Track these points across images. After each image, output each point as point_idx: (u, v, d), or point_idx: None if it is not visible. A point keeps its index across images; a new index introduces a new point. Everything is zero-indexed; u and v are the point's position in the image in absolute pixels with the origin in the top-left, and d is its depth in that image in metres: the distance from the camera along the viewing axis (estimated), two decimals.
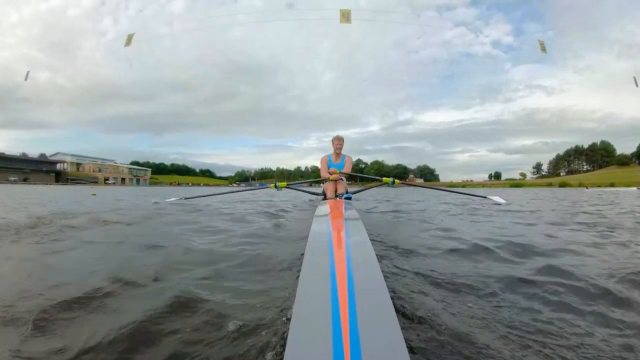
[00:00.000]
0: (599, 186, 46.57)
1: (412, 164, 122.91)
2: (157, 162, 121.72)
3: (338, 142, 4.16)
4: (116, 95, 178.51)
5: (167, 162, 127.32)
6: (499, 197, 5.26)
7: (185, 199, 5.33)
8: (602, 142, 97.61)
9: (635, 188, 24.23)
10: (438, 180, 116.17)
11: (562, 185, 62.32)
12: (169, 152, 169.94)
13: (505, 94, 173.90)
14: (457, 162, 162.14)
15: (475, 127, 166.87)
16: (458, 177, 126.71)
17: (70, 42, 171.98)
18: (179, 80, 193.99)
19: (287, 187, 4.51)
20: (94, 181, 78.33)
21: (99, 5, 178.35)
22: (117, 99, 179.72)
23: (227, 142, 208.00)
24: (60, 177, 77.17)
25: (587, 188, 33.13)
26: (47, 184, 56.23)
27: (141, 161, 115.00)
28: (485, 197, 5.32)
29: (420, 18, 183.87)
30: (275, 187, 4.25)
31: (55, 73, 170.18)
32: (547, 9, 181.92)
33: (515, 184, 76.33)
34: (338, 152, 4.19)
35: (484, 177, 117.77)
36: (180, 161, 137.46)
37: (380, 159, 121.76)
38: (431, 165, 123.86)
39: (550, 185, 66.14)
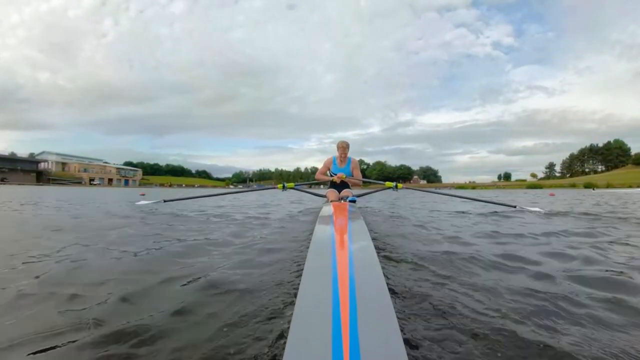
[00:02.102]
0: (630, 187, 41.46)
1: (413, 165, 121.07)
2: (152, 162, 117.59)
3: (343, 150, 3.72)
4: (117, 97, 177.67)
5: (167, 163, 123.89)
6: (537, 207, 4.27)
7: (164, 201, 4.57)
8: (616, 141, 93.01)
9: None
10: (440, 181, 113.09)
11: (588, 185, 56.36)
12: (170, 154, 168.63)
13: (506, 95, 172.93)
14: (458, 164, 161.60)
15: (476, 129, 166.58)
16: (459, 179, 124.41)
17: (70, 43, 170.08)
18: (179, 82, 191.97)
19: (294, 188, 4.33)
20: (77, 182, 73.30)
21: (100, 6, 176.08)
22: (118, 101, 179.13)
23: (227, 144, 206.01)
24: (41, 178, 71.94)
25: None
26: (22, 184, 51.12)
27: (136, 162, 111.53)
28: (515, 207, 4.16)
29: (420, 19, 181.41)
30: (283, 187, 4.14)
31: (55, 74, 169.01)
32: (548, 10, 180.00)
33: (532, 185, 69.82)
34: (343, 158, 3.80)
35: (485, 178, 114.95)
36: (180, 163, 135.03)
37: (382, 160, 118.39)
38: (433, 167, 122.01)
39: (574, 185, 60.35)
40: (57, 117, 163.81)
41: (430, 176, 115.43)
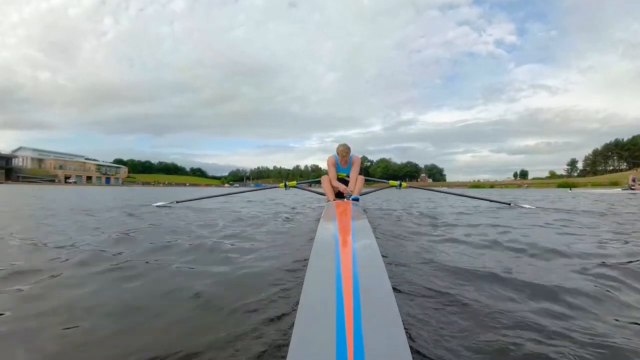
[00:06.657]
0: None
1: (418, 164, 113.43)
2: (143, 160, 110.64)
3: (342, 157, 3.52)
4: (117, 97, 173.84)
5: (159, 161, 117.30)
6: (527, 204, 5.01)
7: (177, 202, 4.89)
8: None
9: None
10: (445, 180, 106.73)
11: None
12: (171, 153, 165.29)
13: (509, 94, 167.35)
14: (459, 163, 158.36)
15: (478, 128, 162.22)
16: (460, 178, 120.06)
17: (70, 42, 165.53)
18: (180, 82, 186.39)
19: (296, 186, 4.39)
20: (51, 180, 66.20)
21: (100, 5, 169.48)
22: (118, 100, 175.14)
23: (228, 144, 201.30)
24: (11, 175, 64.58)
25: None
26: None
27: (126, 159, 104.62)
28: (510, 204, 4.80)
29: (422, 17, 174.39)
30: (285, 186, 4.16)
31: (55, 74, 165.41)
32: (551, 9, 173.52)
33: (564, 184, 61.93)
34: (344, 163, 3.61)
35: (486, 177, 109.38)
36: (181, 162, 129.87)
37: (386, 157, 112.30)
38: (437, 165, 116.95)
39: (617, 184, 53.14)
40: (58, 117, 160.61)
41: (435, 174, 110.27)
